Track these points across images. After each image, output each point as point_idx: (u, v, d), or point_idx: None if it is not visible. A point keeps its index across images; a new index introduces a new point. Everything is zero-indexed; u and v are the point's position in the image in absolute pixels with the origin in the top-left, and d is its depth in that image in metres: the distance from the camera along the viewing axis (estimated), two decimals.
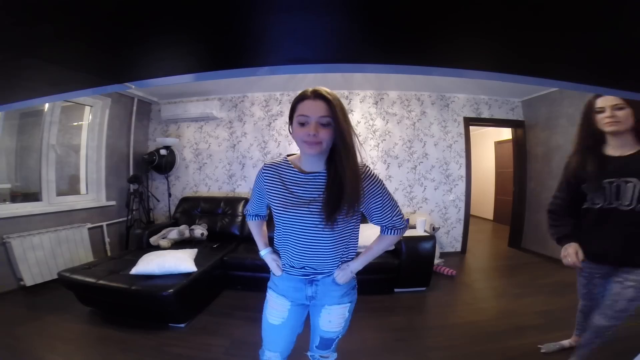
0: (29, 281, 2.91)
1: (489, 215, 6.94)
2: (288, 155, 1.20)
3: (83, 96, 2.82)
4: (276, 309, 1.26)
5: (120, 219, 4.02)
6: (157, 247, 3.10)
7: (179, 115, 4.30)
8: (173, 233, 3.33)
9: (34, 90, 0.32)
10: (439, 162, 4.31)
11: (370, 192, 1.10)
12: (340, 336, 1.35)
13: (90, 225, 3.55)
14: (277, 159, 1.18)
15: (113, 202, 3.97)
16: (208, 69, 0.27)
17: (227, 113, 4.42)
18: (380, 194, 1.12)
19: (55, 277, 2.65)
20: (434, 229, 3.84)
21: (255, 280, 2.98)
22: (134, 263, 2.47)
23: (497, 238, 5.39)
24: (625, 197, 1.40)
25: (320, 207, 1.05)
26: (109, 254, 3.74)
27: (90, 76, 0.30)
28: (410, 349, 1.98)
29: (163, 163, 4.17)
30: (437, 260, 3.58)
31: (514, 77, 0.26)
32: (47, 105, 3.19)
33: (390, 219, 1.16)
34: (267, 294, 1.31)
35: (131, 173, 4.20)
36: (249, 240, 3.54)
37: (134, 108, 4.22)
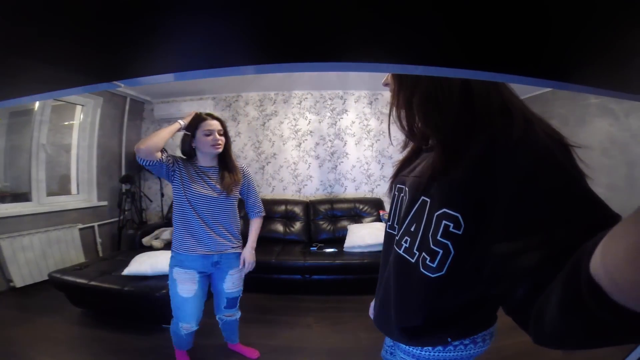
0: (19, 282, 2.86)
1: None
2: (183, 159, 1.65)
3: (72, 95, 2.79)
4: (186, 284, 1.59)
5: (112, 220, 3.98)
6: (150, 248, 3.08)
7: (172, 114, 4.27)
8: (166, 233, 3.30)
9: (21, 89, 0.32)
10: None
11: (247, 183, 1.74)
12: (241, 294, 1.82)
13: (81, 226, 3.51)
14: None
15: (105, 203, 3.92)
16: (199, 68, 0.27)
17: (220, 113, 4.39)
18: (253, 186, 1.77)
19: (46, 278, 2.61)
20: None
21: (253, 280, 2.97)
22: (126, 264, 2.45)
23: None
24: (396, 215, 0.79)
25: (219, 184, 1.59)
26: (100, 254, 3.70)
27: (79, 74, 0.29)
28: None
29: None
30: None
31: (511, 78, 0.26)
32: (37, 104, 3.14)
33: (256, 205, 1.80)
34: (173, 272, 1.61)
35: (123, 173, 4.16)
36: (243, 240, 3.53)
37: (126, 107, 4.17)
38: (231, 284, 1.73)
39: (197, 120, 1.56)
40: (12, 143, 3.22)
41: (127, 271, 2.37)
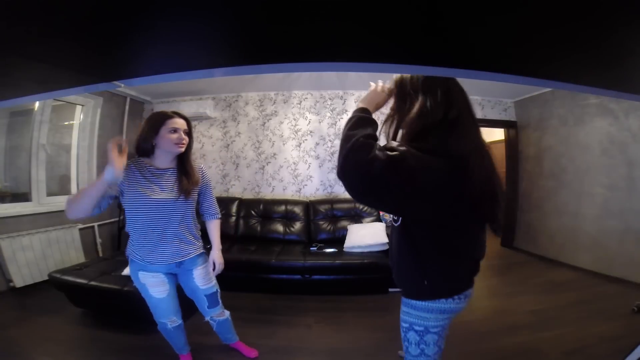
0: (19, 282, 2.86)
1: None
2: (135, 159, 1.53)
3: (71, 95, 2.79)
4: (157, 286, 1.56)
5: (112, 220, 3.98)
6: None
7: None
8: None
9: (20, 89, 0.32)
10: None
11: (205, 184, 1.68)
12: (218, 289, 1.77)
13: (81, 226, 3.50)
14: (127, 163, 1.46)
15: None
16: (200, 68, 0.27)
17: (220, 112, 4.39)
18: (210, 188, 1.73)
19: (46, 278, 2.61)
20: None
21: (250, 280, 2.97)
22: (126, 264, 2.43)
23: (490, 237, 5.41)
24: None
25: (177, 187, 1.51)
26: (100, 254, 3.69)
27: (78, 74, 0.29)
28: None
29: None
30: None
31: (510, 77, 0.26)
32: (37, 104, 3.14)
33: (212, 207, 1.74)
34: (139, 277, 1.55)
35: None
36: (243, 240, 3.52)
37: (127, 107, 4.17)
38: (202, 279, 1.67)
39: (163, 117, 1.49)
40: (11, 143, 3.22)
41: (127, 271, 2.35)
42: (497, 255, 4.45)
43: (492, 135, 6.44)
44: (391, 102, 1.08)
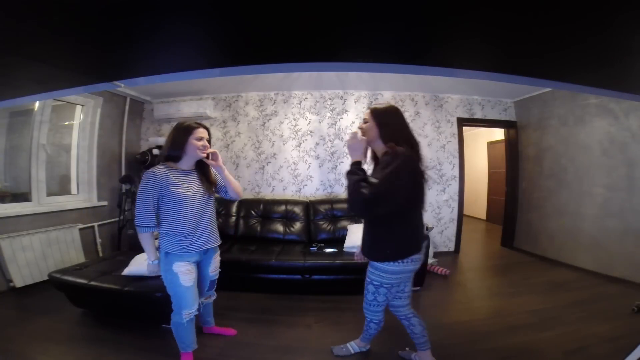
0: (19, 282, 2.86)
1: (482, 215, 6.99)
2: (163, 163, 1.79)
3: (71, 95, 2.79)
4: (187, 274, 1.76)
5: (112, 220, 3.98)
6: None
7: (172, 114, 4.26)
8: None
9: (19, 89, 0.31)
10: (432, 162, 4.33)
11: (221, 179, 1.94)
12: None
13: (81, 226, 3.51)
14: (159, 167, 1.75)
15: (105, 203, 3.92)
16: (199, 68, 0.27)
17: (220, 112, 4.39)
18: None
19: (46, 278, 2.61)
20: (427, 228, 3.85)
21: (250, 280, 2.97)
22: (126, 264, 2.45)
23: (490, 238, 5.43)
24: None
25: (201, 186, 1.81)
26: (100, 254, 3.69)
27: (78, 75, 0.29)
28: (404, 349, 1.99)
29: (155, 163, 4.12)
30: (430, 260, 3.59)
31: (510, 77, 0.26)
32: (37, 104, 3.14)
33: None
34: (173, 268, 1.73)
35: (123, 173, 4.15)
36: (243, 240, 3.52)
37: (126, 107, 4.18)
38: (214, 267, 1.96)
39: (190, 127, 1.79)
40: (11, 143, 3.22)
41: (127, 271, 2.36)
42: (497, 255, 4.45)
43: (492, 135, 6.46)
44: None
